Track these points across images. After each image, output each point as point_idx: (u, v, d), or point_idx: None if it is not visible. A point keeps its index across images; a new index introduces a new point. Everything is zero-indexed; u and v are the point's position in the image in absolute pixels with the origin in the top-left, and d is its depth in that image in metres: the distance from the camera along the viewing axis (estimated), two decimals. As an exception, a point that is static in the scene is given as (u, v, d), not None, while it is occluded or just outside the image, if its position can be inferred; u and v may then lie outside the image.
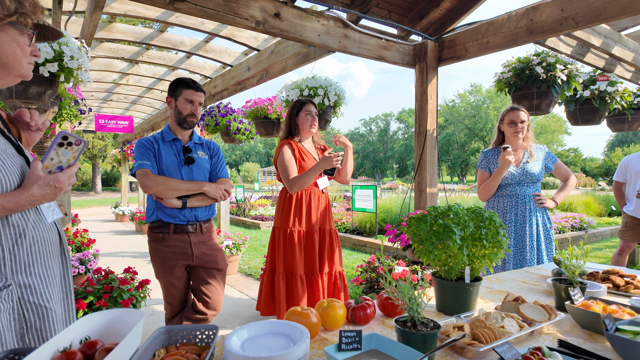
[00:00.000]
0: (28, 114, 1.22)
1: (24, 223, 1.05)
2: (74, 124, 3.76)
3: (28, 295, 1.05)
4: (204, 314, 2.15)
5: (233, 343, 0.88)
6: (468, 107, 56.81)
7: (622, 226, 3.93)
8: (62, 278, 1.21)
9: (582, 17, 2.47)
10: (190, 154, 2.12)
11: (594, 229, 7.80)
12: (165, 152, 2.09)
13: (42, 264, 1.09)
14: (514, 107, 2.62)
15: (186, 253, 2.09)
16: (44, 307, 1.07)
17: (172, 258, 2.08)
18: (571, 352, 0.95)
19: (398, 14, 3.35)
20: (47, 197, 1.06)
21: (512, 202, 2.60)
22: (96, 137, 27.27)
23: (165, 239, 2.07)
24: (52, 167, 1.07)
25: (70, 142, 1.07)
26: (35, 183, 1.03)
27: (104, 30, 3.82)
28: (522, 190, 2.60)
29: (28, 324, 1.05)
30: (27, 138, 1.25)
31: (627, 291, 1.51)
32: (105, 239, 7.85)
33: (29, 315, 1.05)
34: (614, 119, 4.01)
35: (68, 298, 1.23)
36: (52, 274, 1.13)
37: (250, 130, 5.26)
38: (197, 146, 2.19)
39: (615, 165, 38.34)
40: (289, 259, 2.62)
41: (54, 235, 1.16)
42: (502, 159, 2.43)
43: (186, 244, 2.09)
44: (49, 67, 2.30)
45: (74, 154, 1.09)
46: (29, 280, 1.05)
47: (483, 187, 2.66)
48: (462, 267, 1.28)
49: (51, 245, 1.14)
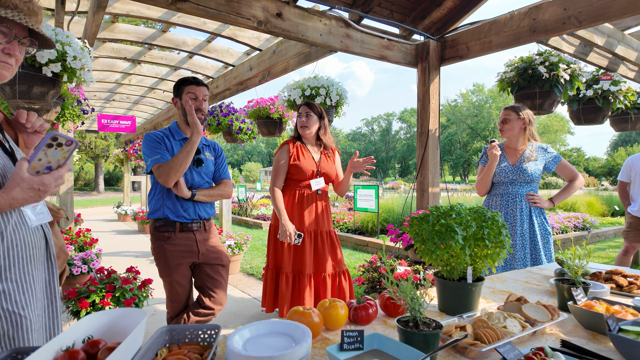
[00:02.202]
0: (24, 116, 1.17)
1: (2, 225, 0.99)
2: (77, 123, 3.78)
3: (1, 301, 0.98)
4: (211, 309, 2.20)
5: (235, 342, 0.89)
6: (470, 107, 56.67)
7: (627, 227, 3.91)
8: (46, 284, 1.15)
9: (585, 16, 2.46)
10: (199, 155, 2.15)
11: (597, 229, 7.77)
12: (177, 150, 2.08)
13: (20, 269, 1.03)
14: (506, 107, 2.67)
15: (192, 251, 2.12)
16: (17, 314, 1.00)
17: (178, 256, 2.09)
18: (574, 352, 0.94)
19: (400, 13, 3.34)
20: (29, 199, 1.00)
21: (504, 201, 2.64)
22: (99, 137, 27.37)
23: (172, 237, 2.08)
24: (40, 167, 1.01)
25: (60, 142, 1.00)
26: (18, 185, 0.96)
27: (107, 30, 3.83)
28: (515, 189, 2.61)
29: (0, 331, 0.98)
30: (25, 140, 1.21)
31: (631, 291, 1.51)
32: (108, 238, 7.88)
33: (1, 322, 0.98)
34: (617, 119, 3.99)
35: (53, 305, 1.17)
36: (31, 280, 1.06)
37: (252, 130, 5.26)
38: (205, 147, 2.22)
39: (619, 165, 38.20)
40: (279, 256, 2.72)
41: (38, 239, 1.10)
42: (488, 152, 2.57)
43: (192, 242, 2.12)
44: (52, 67, 2.31)
45: (64, 155, 1.04)
46: (3, 285, 0.99)
47: (477, 180, 2.77)
48: (464, 267, 1.27)
49: (33, 250, 1.07)
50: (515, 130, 2.61)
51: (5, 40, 1.03)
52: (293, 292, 2.64)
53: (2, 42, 1.03)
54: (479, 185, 2.74)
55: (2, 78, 1.07)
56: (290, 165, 2.66)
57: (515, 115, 2.60)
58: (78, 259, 3.90)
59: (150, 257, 5.98)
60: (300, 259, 2.64)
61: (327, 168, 2.77)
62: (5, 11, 1.00)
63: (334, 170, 2.81)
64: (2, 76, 1.07)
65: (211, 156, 2.21)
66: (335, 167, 2.83)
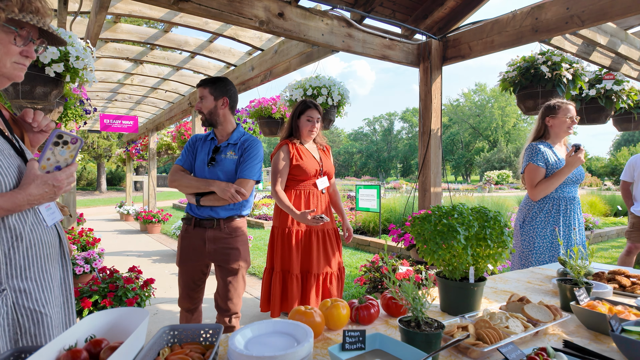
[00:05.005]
0: (31, 115, 1.19)
1: (21, 226, 1.02)
2: (79, 123, 3.79)
3: (23, 300, 1.02)
4: (221, 309, 2.16)
5: (237, 342, 0.89)
6: (472, 107, 56.58)
7: (630, 227, 3.90)
8: (62, 282, 1.19)
9: (588, 16, 2.45)
10: (218, 154, 2.14)
11: (599, 229, 7.74)
12: (201, 151, 2.19)
13: (39, 268, 1.07)
14: (568, 102, 2.49)
15: (201, 248, 2.13)
16: (39, 312, 1.05)
17: (187, 250, 2.16)
18: (576, 352, 0.94)
19: (402, 13, 3.34)
20: (45, 196, 1.03)
21: (568, 203, 2.47)
22: (101, 137, 27.43)
23: (188, 230, 2.18)
24: (50, 167, 1.04)
25: (65, 140, 1.03)
26: (33, 182, 1.00)
27: (109, 30, 3.84)
28: (574, 190, 2.50)
29: (22, 329, 1.02)
30: (31, 139, 1.23)
31: (633, 292, 1.50)
32: (110, 238, 7.90)
33: (23, 320, 1.02)
34: (620, 118, 3.98)
35: (68, 302, 1.21)
36: (49, 278, 1.10)
37: (254, 129, 5.27)
38: (230, 146, 2.15)
39: (621, 165, 38.01)
40: (286, 258, 2.63)
41: (53, 238, 1.13)
42: (574, 159, 2.30)
43: (202, 239, 2.13)
44: (54, 67, 2.32)
45: (71, 153, 1.06)
46: (24, 284, 1.03)
47: (544, 184, 2.41)
48: (466, 267, 1.27)
49: (50, 249, 1.11)
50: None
51: (23, 42, 1.05)
52: (289, 292, 2.61)
53: (20, 45, 1.04)
54: (546, 189, 2.42)
55: (17, 79, 1.08)
56: (293, 166, 2.62)
57: None
58: (80, 259, 3.91)
59: (152, 257, 5.99)
60: (308, 259, 2.62)
61: (328, 166, 2.77)
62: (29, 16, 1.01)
63: (332, 168, 2.82)
64: (18, 77, 1.08)
65: (234, 155, 2.13)
66: (331, 164, 2.85)
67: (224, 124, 2.17)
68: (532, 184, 2.46)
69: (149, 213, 8.64)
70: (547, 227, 2.46)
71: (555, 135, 2.54)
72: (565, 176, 2.38)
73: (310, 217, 2.43)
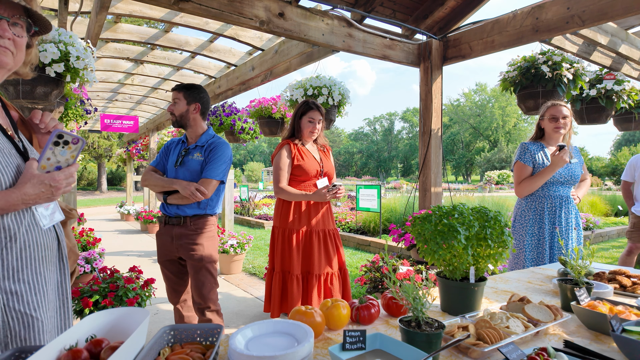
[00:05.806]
0: (39, 116, 1.16)
1: (15, 226, 0.98)
2: (80, 123, 3.79)
3: (14, 302, 0.98)
4: (195, 302, 2.27)
5: (237, 342, 0.89)
6: (473, 107, 56.57)
7: (630, 227, 3.89)
8: (58, 285, 1.15)
9: (589, 16, 2.45)
10: (186, 156, 2.26)
11: (600, 229, 7.74)
12: (173, 153, 2.34)
13: (33, 270, 1.03)
14: (555, 103, 2.50)
15: (169, 244, 2.26)
16: (29, 315, 1.00)
17: (162, 247, 2.31)
18: (577, 353, 0.94)
19: (402, 12, 3.34)
20: (42, 196, 0.99)
21: (555, 203, 2.48)
22: (101, 137, 27.45)
23: (160, 228, 2.33)
24: (50, 167, 1.01)
25: (66, 140, 1.00)
26: (29, 181, 0.96)
27: (110, 30, 3.84)
28: (564, 190, 2.50)
29: (12, 332, 0.98)
30: (40, 140, 1.20)
31: (634, 292, 1.50)
32: (111, 238, 7.91)
33: (13, 323, 0.98)
34: (620, 118, 3.97)
35: (65, 306, 1.17)
36: (43, 281, 1.06)
37: (255, 129, 5.27)
38: (197, 148, 2.27)
39: (622, 165, 38.01)
40: (287, 259, 2.63)
41: (50, 241, 1.09)
42: (557, 158, 2.32)
43: (170, 236, 2.25)
44: (55, 67, 2.32)
45: (72, 153, 1.03)
46: (16, 286, 0.98)
47: (528, 182, 2.47)
48: (466, 267, 1.27)
49: (46, 251, 1.07)
50: (567, 127, 2.49)
51: None
52: (289, 293, 2.61)
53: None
54: (529, 187, 2.47)
55: (2, 65, 1.00)
56: (294, 167, 2.63)
57: (570, 112, 2.49)
58: (81, 259, 3.92)
59: (152, 257, 6.00)
60: (309, 259, 2.62)
61: (328, 167, 2.77)
62: None
63: (333, 169, 2.82)
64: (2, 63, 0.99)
65: (200, 157, 2.23)
66: (331, 164, 2.85)
67: (193, 127, 2.29)
68: (518, 181, 2.55)
69: (150, 213, 8.64)
70: (535, 225, 2.51)
71: (549, 135, 2.57)
72: (549, 175, 2.41)
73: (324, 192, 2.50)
